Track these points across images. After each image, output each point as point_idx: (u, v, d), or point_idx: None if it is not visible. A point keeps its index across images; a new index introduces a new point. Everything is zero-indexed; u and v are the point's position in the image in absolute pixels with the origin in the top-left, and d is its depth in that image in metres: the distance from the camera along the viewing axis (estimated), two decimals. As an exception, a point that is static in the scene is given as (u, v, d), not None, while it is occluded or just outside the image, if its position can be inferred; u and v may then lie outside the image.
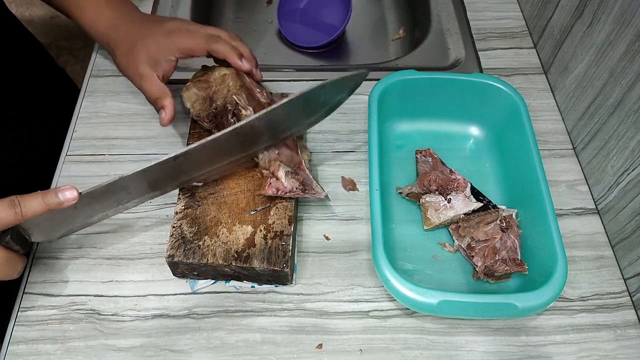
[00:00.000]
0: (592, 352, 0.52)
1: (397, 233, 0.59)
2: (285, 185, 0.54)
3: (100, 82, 0.71)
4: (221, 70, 0.59)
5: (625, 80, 0.56)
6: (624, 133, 0.56)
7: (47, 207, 0.45)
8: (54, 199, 0.45)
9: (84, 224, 0.52)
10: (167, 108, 0.56)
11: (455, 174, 0.61)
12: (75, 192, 0.46)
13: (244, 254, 0.51)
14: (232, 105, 0.56)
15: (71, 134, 0.66)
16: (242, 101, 0.56)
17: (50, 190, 0.46)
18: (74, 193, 0.46)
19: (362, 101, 0.70)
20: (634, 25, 0.54)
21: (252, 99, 0.57)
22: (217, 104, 0.57)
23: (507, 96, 0.62)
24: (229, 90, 0.57)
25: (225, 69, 0.59)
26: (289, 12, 0.87)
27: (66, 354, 0.51)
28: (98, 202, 0.49)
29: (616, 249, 0.58)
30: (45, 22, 1.73)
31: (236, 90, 0.57)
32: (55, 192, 0.45)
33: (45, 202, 0.45)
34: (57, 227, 0.50)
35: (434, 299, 0.47)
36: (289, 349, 0.51)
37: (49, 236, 0.51)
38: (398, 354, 0.52)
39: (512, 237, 0.55)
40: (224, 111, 0.57)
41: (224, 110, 0.57)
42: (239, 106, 0.56)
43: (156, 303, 0.54)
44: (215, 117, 0.58)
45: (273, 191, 0.54)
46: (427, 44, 0.78)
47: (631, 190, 0.55)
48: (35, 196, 0.45)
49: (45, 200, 0.45)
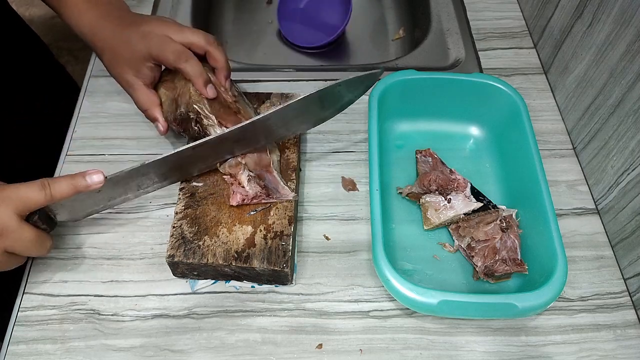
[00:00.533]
0: (592, 352, 0.52)
1: (397, 233, 0.59)
2: (248, 191, 0.53)
3: (100, 82, 0.71)
4: None
5: (625, 80, 0.56)
6: (624, 133, 0.56)
7: (76, 189, 0.47)
8: (82, 182, 0.47)
9: (107, 205, 0.54)
10: (159, 120, 0.56)
11: (455, 174, 0.61)
12: (102, 176, 0.48)
13: (244, 254, 0.51)
14: (194, 114, 0.55)
15: (71, 134, 0.66)
16: (204, 110, 0.55)
17: (79, 173, 0.48)
18: (100, 177, 0.48)
19: (363, 101, 0.70)
20: (634, 25, 0.54)
21: (214, 102, 0.56)
22: (181, 110, 0.56)
23: (507, 96, 0.62)
24: (190, 97, 0.55)
25: None
26: (289, 12, 0.87)
27: (66, 354, 0.51)
28: (121, 186, 0.52)
29: (616, 249, 0.58)
30: (45, 22, 1.73)
31: (197, 98, 0.55)
32: (83, 175, 0.48)
33: (73, 184, 0.47)
34: (82, 208, 0.53)
35: (434, 299, 0.47)
36: (289, 349, 0.51)
37: (74, 216, 0.53)
38: (398, 354, 0.52)
39: (512, 237, 0.55)
40: (187, 118, 0.55)
41: (187, 118, 0.55)
42: (200, 115, 0.55)
43: (156, 303, 0.54)
44: (181, 123, 0.56)
45: (237, 201, 0.53)
46: (427, 44, 0.78)
47: (631, 190, 0.55)
48: (65, 179, 0.47)
49: (74, 183, 0.47)
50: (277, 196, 0.54)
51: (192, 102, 0.55)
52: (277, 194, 0.54)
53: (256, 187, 0.54)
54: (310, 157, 0.65)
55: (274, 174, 0.56)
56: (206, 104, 0.55)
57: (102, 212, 0.59)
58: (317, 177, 0.63)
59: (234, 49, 0.88)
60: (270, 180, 0.55)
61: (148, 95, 0.56)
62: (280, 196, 0.55)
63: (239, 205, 0.54)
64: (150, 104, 0.56)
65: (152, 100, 0.56)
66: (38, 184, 0.46)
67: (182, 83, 0.57)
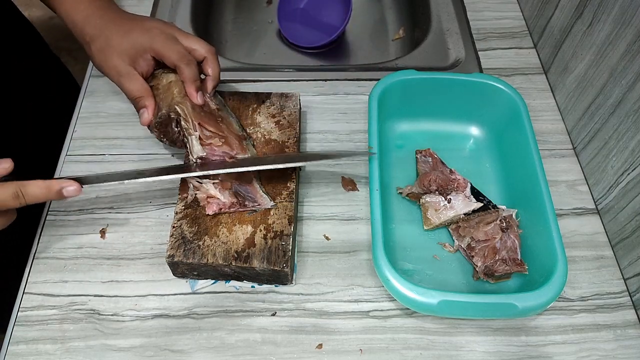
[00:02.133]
0: (592, 352, 0.52)
1: (397, 233, 0.59)
2: (224, 201, 0.53)
3: (100, 82, 0.71)
4: (168, 77, 0.57)
5: (625, 80, 0.56)
6: (624, 133, 0.56)
7: (48, 198, 0.49)
8: (56, 194, 0.49)
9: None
10: (149, 108, 0.55)
11: (455, 174, 0.61)
12: (78, 190, 0.49)
13: (243, 253, 0.51)
14: (175, 114, 0.55)
15: (71, 134, 0.66)
16: (184, 111, 0.54)
17: (54, 182, 0.48)
18: (74, 188, 0.49)
19: (362, 101, 0.70)
20: (634, 25, 0.54)
21: (196, 107, 0.56)
22: (162, 112, 0.55)
23: (507, 96, 0.62)
24: (173, 99, 0.55)
25: (172, 75, 0.57)
26: (289, 12, 0.87)
27: (66, 354, 0.51)
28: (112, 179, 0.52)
29: (616, 249, 0.58)
30: (45, 22, 1.73)
31: (180, 99, 0.55)
32: (59, 184, 0.48)
33: (47, 193, 0.48)
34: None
35: (434, 299, 0.47)
36: (289, 349, 0.51)
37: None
38: (398, 354, 0.52)
39: (512, 237, 0.55)
40: (168, 119, 0.55)
41: (168, 119, 0.55)
42: (180, 117, 0.54)
43: (156, 303, 0.54)
44: (161, 125, 0.56)
45: (214, 210, 0.53)
46: (427, 44, 0.78)
47: (631, 190, 0.55)
48: (39, 186, 0.48)
49: (48, 192, 0.48)
50: (253, 205, 0.54)
51: (174, 103, 0.55)
52: (253, 203, 0.54)
53: (231, 197, 0.53)
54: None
55: (253, 183, 0.55)
56: (188, 107, 0.55)
57: (102, 212, 0.59)
58: (317, 177, 0.63)
59: (234, 49, 0.88)
60: (249, 190, 0.55)
61: (142, 83, 0.56)
62: (258, 205, 0.54)
63: (216, 214, 0.54)
64: (144, 92, 0.56)
65: (146, 88, 0.56)
66: (11, 191, 0.46)
67: (165, 88, 0.57)
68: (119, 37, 0.56)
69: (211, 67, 0.58)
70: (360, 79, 0.73)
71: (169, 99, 0.55)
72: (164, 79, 0.57)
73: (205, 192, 0.54)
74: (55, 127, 0.71)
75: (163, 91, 0.57)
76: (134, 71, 0.56)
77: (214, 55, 0.58)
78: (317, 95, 0.71)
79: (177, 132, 0.56)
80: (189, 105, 0.55)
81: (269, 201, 0.54)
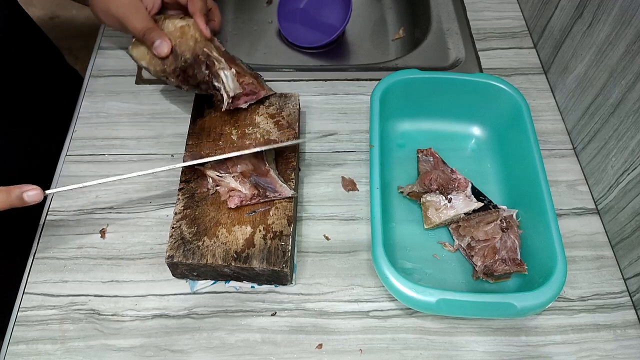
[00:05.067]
0: (592, 352, 0.52)
1: (398, 232, 0.59)
2: (246, 193, 0.53)
3: (100, 82, 0.71)
4: (175, 22, 0.56)
5: (625, 80, 0.56)
6: (624, 133, 0.56)
7: (10, 205, 0.47)
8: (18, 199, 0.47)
9: None
10: (163, 38, 0.53)
11: (456, 174, 0.61)
12: (40, 195, 0.48)
13: (243, 254, 0.51)
14: (204, 57, 0.54)
15: (71, 134, 0.66)
16: (213, 52, 0.54)
17: (15, 188, 0.47)
18: (39, 196, 0.47)
19: (362, 101, 0.70)
20: (634, 25, 0.54)
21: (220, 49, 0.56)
22: (185, 58, 0.54)
23: (509, 96, 0.62)
24: (197, 42, 0.54)
25: (180, 20, 0.56)
26: (289, 12, 0.87)
27: (66, 354, 0.51)
28: None
29: (616, 249, 0.58)
30: (45, 22, 1.73)
31: (204, 43, 0.55)
32: (21, 190, 0.47)
33: (8, 200, 0.46)
34: None
35: (433, 298, 0.47)
36: (289, 349, 0.51)
37: None
38: (398, 354, 0.52)
39: (512, 237, 0.55)
40: (195, 63, 0.54)
41: (194, 62, 0.54)
42: (211, 57, 0.54)
43: (156, 303, 0.54)
44: (184, 72, 0.55)
45: (236, 203, 0.53)
46: (427, 44, 0.78)
47: (631, 190, 0.55)
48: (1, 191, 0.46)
49: (9, 199, 0.46)
50: (274, 195, 0.54)
51: (198, 47, 0.54)
52: (274, 193, 0.54)
53: (252, 189, 0.54)
54: (310, 157, 0.65)
55: (271, 174, 0.55)
56: (214, 48, 0.55)
57: (102, 212, 0.59)
58: (317, 177, 0.63)
59: (234, 49, 0.88)
60: (268, 181, 0.55)
61: (148, 16, 0.54)
62: (279, 195, 0.54)
63: (238, 207, 0.54)
64: (153, 24, 0.54)
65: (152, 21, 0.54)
66: None
67: (176, 34, 0.56)
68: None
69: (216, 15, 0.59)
70: (360, 79, 0.73)
71: (189, 43, 0.55)
72: (170, 24, 0.56)
73: (226, 186, 0.54)
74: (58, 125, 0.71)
75: (175, 37, 0.55)
76: (140, 3, 0.53)
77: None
78: (317, 95, 0.71)
79: (208, 75, 0.55)
80: (214, 47, 0.55)
81: (289, 190, 0.54)
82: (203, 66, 0.54)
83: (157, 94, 0.70)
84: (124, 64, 0.73)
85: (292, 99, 0.63)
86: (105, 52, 0.74)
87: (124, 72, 0.72)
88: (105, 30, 0.77)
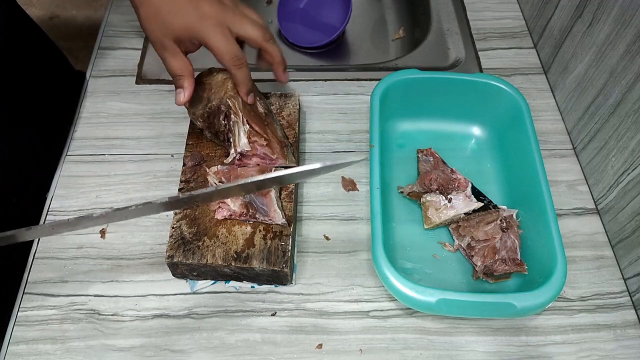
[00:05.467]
0: (592, 352, 0.52)
1: (398, 232, 0.59)
2: (234, 209, 0.53)
3: (100, 82, 0.71)
4: (224, 74, 0.58)
5: (625, 80, 0.56)
6: (624, 133, 0.56)
7: None
8: None
9: None
10: (186, 90, 0.54)
11: (456, 174, 0.61)
12: None
13: (243, 254, 0.51)
14: (225, 107, 0.56)
15: (71, 134, 0.66)
16: (235, 105, 0.55)
17: None
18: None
19: (362, 101, 0.70)
20: (634, 25, 0.54)
21: (246, 105, 0.56)
22: (212, 104, 0.56)
23: (509, 96, 0.62)
24: (226, 93, 0.56)
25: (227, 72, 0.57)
26: (289, 12, 0.87)
27: (66, 354, 0.51)
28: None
29: (616, 249, 0.58)
30: (45, 22, 1.73)
31: (233, 94, 0.56)
32: None
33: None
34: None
35: (433, 297, 0.47)
36: (289, 349, 0.51)
37: None
38: (398, 354, 0.52)
39: (512, 237, 0.55)
40: (217, 111, 0.56)
41: (217, 111, 0.56)
42: (230, 110, 0.55)
43: (156, 303, 0.54)
44: (208, 117, 0.57)
45: (224, 215, 0.53)
46: (427, 44, 0.78)
47: (631, 190, 0.55)
48: None
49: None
50: (263, 219, 0.53)
51: (226, 97, 0.56)
52: (264, 217, 0.53)
53: (241, 207, 0.53)
54: (310, 157, 0.65)
55: (270, 195, 0.54)
56: (240, 103, 0.56)
57: (102, 212, 0.59)
58: (317, 177, 0.63)
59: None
60: (265, 202, 0.54)
61: (185, 62, 0.54)
62: (269, 220, 0.53)
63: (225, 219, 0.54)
64: (184, 71, 0.54)
65: (187, 67, 0.55)
66: None
67: (219, 84, 0.58)
68: (170, 15, 0.52)
69: (271, 54, 0.56)
70: (360, 79, 0.73)
71: (221, 93, 0.57)
72: (219, 75, 0.58)
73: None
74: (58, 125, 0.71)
75: (217, 87, 0.57)
76: (177, 49, 0.54)
77: (271, 40, 0.56)
78: (317, 95, 0.71)
79: (224, 125, 0.56)
80: (240, 102, 0.56)
81: (281, 218, 0.53)
82: (222, 116, 0.56)
83: (157, 94, 0.70)
84: (124, 64, 0.73)
85: (292, 99, 0.64)
86: (106, 52, 0.74)
87: (124, 72, 0.72)
88: (105, 30, 0.77)
